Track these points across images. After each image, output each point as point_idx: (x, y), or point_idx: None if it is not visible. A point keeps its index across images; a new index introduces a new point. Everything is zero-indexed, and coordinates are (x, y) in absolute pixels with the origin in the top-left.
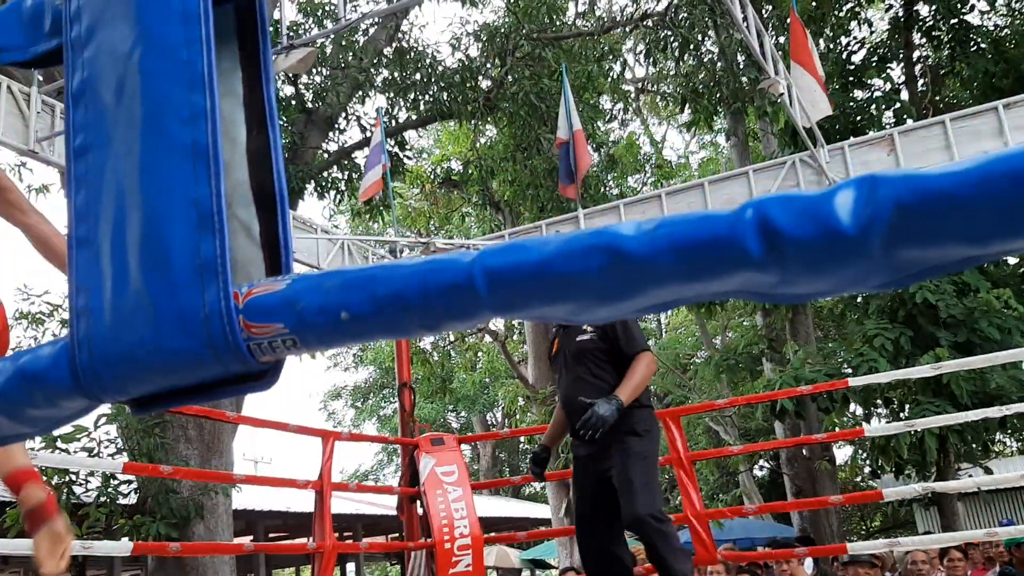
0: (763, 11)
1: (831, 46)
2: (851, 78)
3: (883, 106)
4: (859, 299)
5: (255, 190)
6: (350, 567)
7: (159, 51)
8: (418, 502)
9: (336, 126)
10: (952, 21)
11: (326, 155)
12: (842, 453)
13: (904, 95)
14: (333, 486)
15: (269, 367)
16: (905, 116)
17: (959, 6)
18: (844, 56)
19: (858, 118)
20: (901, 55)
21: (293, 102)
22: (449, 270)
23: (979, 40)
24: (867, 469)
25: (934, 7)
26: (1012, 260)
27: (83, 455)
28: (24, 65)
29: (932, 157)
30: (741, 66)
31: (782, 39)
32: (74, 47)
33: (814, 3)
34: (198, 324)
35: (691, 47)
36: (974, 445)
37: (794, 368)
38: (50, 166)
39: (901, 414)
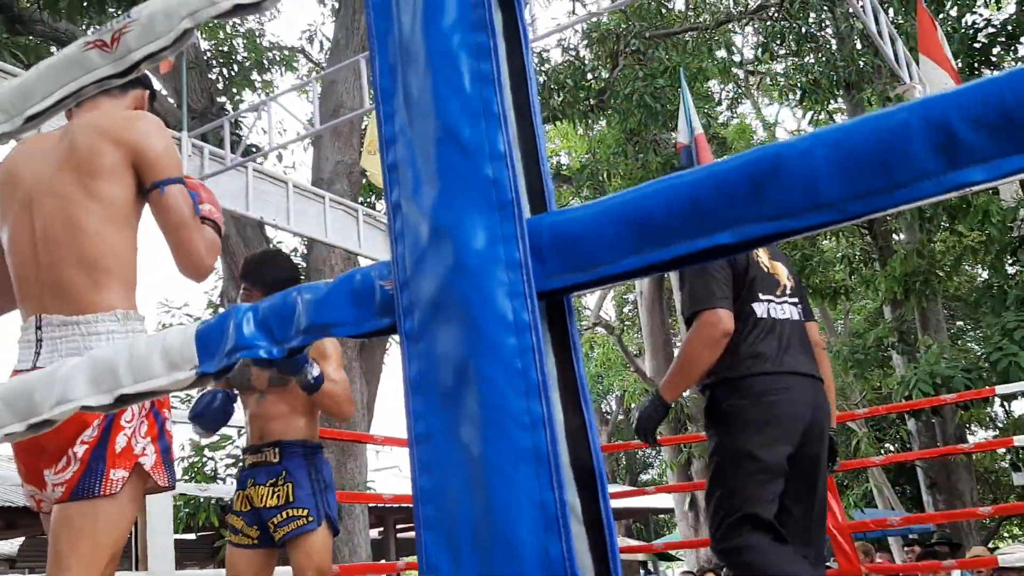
0: None
1: (955, 25)
2: (979, 57)
3: None
4: (995, 288)
5: (575, 469)
6: None
7: (494, 358)
8: None
9: None
10: None
11: None
12: (974, 438)
13: None
14: None
15: None
16: None
17: None
18: (970, 34)
19: None
20: None
21: None
22: None
23: None
24: (1006, 463)
25: None
26: None
27: (229, 461)
28: (354, 336)
29: None
30: (860, 50)
31: (901, 19)
32: (409, 338)
33: None
34: None
35: (808, 38)
36: None
37: (928, 363)
38: None
39: None
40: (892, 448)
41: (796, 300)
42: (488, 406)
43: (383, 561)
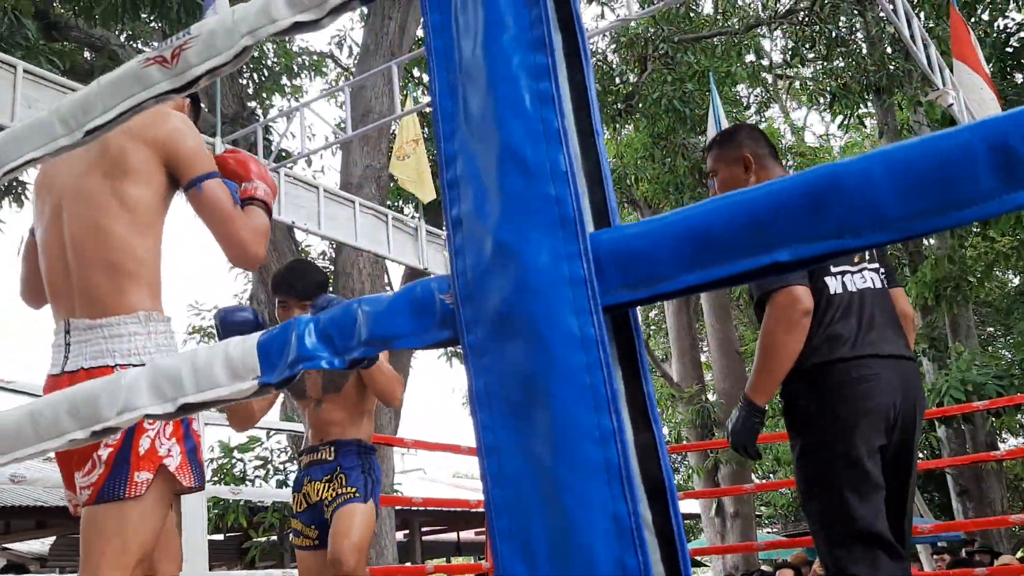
0: None
1: (987, 30)
2: (1011, 61)
3: None
4: None
5: (645, 482)
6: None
7: (562, 374)
8: None
9: None
10: None
11: None
12: (1005, 446)
13: None
14: None
15: None
16: None
17: None
18: (1002, 39)
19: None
20: None
21: None
22: None
23: None
24: None
25: None
26: None
27: (258, 463)
28: (415, 348)
29: None
30: (890, 55)
31: (932, 24)
32: (473, 352)
33: None
34: None
35: (838, 42)
36: None
37: (960, 370)
38: None
39: None
40: (922, 455)
41: (877, 265)
42: (558, 421)
43: (408, 564)
